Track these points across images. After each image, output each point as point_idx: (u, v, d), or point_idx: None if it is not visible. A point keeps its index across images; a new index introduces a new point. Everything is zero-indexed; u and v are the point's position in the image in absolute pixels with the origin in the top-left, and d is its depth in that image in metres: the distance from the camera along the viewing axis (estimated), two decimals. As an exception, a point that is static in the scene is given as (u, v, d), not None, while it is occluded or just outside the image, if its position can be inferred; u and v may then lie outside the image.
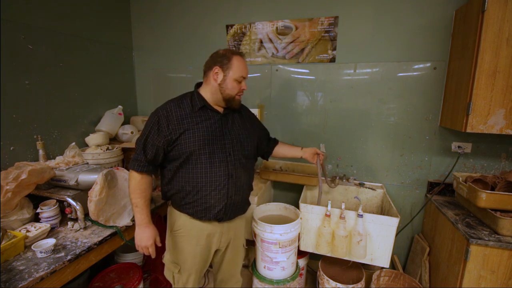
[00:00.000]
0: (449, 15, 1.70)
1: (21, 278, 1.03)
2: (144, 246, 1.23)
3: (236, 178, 1.27)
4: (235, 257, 1.47)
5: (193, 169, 1.21)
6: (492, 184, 1.54)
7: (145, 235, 1.23)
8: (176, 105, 1.23)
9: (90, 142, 1.95)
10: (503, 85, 1.38)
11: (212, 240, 1.34)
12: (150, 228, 1.24)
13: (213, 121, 1.25)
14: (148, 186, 1.26)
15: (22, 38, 1.60)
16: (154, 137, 1.19)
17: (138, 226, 1.24)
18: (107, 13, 2.19)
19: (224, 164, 1.23)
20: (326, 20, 1.93)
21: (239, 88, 1.25)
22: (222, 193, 1.24)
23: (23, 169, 1.32)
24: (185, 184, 1.23)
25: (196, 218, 1.28)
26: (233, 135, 1.28)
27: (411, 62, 1.82)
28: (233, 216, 1.35)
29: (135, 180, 1.23)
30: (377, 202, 1.95)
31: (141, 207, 1.23)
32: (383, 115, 1.93)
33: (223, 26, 2.17)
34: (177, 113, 1.21)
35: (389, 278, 1.82)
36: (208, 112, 1.26)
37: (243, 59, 1.26)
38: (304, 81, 2.06)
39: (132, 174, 1.24)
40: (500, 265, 1.34)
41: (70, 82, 1.90)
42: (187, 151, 1.18)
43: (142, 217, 1.23)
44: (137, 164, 1.21)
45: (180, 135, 1.18)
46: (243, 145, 1.31)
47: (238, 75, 1.22)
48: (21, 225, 1.35)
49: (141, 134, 1.23)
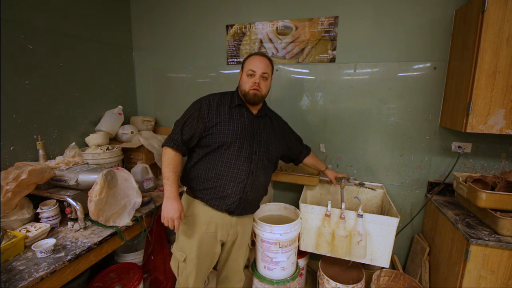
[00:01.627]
0: (449, 15, 1.70)
1: (21, 278, 1.03)
2: (171, 217, 1.25)
3: (256, 176, 1.36)
4: (240, 254, 1.52)
5: (220, 158, 1.31)
6: (492, 184, 1.54)
7: (173, 207, 1.26)
8: (218, 98, 1.36)
9: (90, 142, 1.95)
10: (503, 85, 1.38)
11: (220, 231, 1.39)
12: (178, 201, 1.28)
13: (247, 120, 1.36)
14: (179, 163, 1.34)
15: (22, 38, 1.60)
16: (194, 121, 1.30)
17: (166, 198, 1.27)
18: (107, 13, 2.19)
19: (248, 160, 1.33)
20: (326, 20, 1.93)
21: (251, 82, 1.33)
22: (240, 186, 1.32)
23: (23, 169, 1.32)
24: (209, 169, 1.32)
25: (209, 205, 1.35)
26: (262, 136, 1.39)
27: (411, 62, 1.82)
28: (244, 212, 1.42)
29: (169, 155, 1.31)
30: (377, 202, 1.95)
31: (172, 180, 1.28)
32: (383, 115, 1.93)
33: (223, 26, 2.17)
34: (218, 104, 1.34)
35: (389, 278, 1.82)
36: (244, 110, 1.38)
37: (258, 56, 1.35)
38: (304, 81, 2.06)
39: (167, 150, 1.32)
40: (500, 265, 1.34)
41: (70, 82, 1.90)
42: (219, 140, 1.29)
43: (172, 189, 1.28)
44: (173, 142, 1.31)
45: (216, 124, 1.30)
46: (269, 148, 1.40)
47: (247, 69, 1.34)
48: (21, 225, 1.35)
49: (181, 117, 1.34)
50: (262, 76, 1.34)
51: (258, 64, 1.33)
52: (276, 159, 1.51)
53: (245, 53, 2.15)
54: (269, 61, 1.39)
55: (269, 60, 1.39)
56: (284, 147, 1.56)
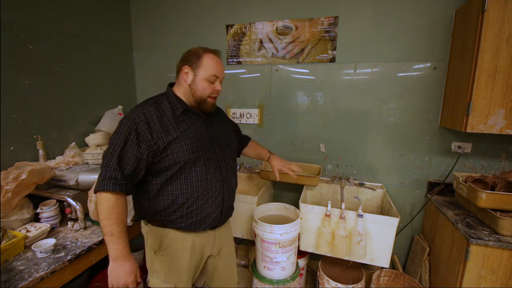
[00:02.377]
0: (449, 15, 1.70)
1: (21, 278, 1.03)
2: (123, 284, 1.01)
3: (229, 182, 1.23)
4: (230, 260, 1.41)
5: (186, 179, 1.09)
6: (492, 184, 1.54)
7: (124, 270, 1.01)
8: (154, 109, 1.07)
9: (90, 142, 1.95)
10: (503, 85, 1.38)
11: (205, 248, 1.25)
12: (129, 261, 1.03)
13: (199, 126, 1.15)
14: (124, 209, 1.04)
15: (22, 38, 1.60)
16: (134, 148, 1.01)
17: (113, 260, 1.01)
18: (107, 13, 2.19)
19: (218, 169, 1.17)
20: (326, 20, 1.93)
21: (211, 88, 1.14)
22: (218, 200, 1.18)
23: (23, 169, 1.32)
24: (178, 196, 1.10)
25: (188, 231, 1.16)
26: (220, 138, 1.22)
27: (411, 62, 1.82)
28: (225, 220, 1.30)
29: (109, 202, 0.99)
30: (377, 202, 1.95)
31: (117, 236, 1.00)
32: (383, 115, 1.93)
33: (223, 26, 2.17)
34: (159, 118, 1.06)
35: (389, 278, 1.82)
36: (191, 116, 1.15)
37: (217, 57, 1.15)
38: (304, 81, 2.06)
39: (103, 196, 0.99)
40: (500, 265, 1.34)
41: (70, 82, 1.90)
42: (180, 161, 1.06)
43: (120, 248, 1.00)
44: (112, 182, 0.99)
45: (169, 143, 1.04)
46: (230, 147, 1.26)
47: (209, 73, 1.11)
48: (21, 225, 1.35)
49: (110, 146, 1.02)
50: (220, 82, 1.18)
51: (221, 68, 1.16)
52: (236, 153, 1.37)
53: (245, 53, 2.16)
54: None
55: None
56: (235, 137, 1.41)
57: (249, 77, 2.19)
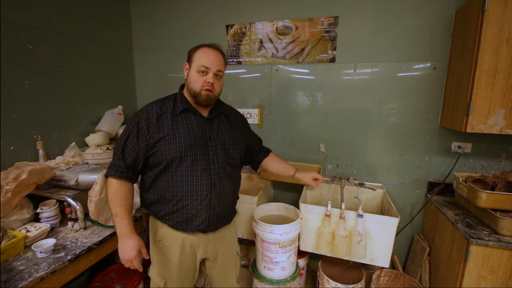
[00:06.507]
0: (449, 15, 1.70)
1: (21, 278, 1.03)
2: (127, 259, 1.09)
3: (220, 188, 1.18)
4: (227, 268, 1.37)
5: (172, 177, 1.13)
6: (492, 184, 1.54)
7: (128, 246, 1.09)
8: (158, 107, 1.15)
9: (90, 142, 1.94)
10: (503, 85, 1.38)
11: (197, 250, 1.25)
12: (132, 238, 1.10)
13: (196, 126, 1.16)
14: (128, 194, 1.14)
15: (22, 38, 1.60)
16: (134, 141, 1.11)
17: (119, 238, 1.11)
18: (107, 13, 2.19)
19: (207, 172, 1.15)
20: (326, 20, 1.93)
21: (202, 80, 1.12)
22: (204, 203, 1.16)
23: (23, 169, 1.32)
24: (165, 192, 1.15)
25: (178, 229, 1.20)
26: (217, 141, 1.19)
27: (411, 62, 1.81)
28: (218, 227, 1.26)
29: (114, 187, 1.11)
30: (377, 202, 1.95)
31: (121, 217, 1.10)
32: (383, 115, 1.93)
33: (223, 26, 2.17)
34: (158, 115, 1.13)
35: (389, 278, 1.82)
36: (191, 115, 1.17)
37: (210, 49, 1.14)
38: (304, 81, 2.06)
39: (110, 181, 1.12)
40: (500, 265, 1.34)
41: (70, 82, 1.90)
42: (167, 158, 1.10)
43: (123, 227, 1.10)
44: (115, 170, 1.11)
45: (159, 140, 1.10)
46: (228, 153, 1.22)
47: (198, 65, 1.12)
48: (21, 225, 1.35)
49: (120, 137, 1.14)
50: (216, 75, 1.14)
51: (213, 59, 1.12)
52: (240, 160, 1.30)
53: (245, 53, 2.16)
54: (223, 56, 1.18)
55: (223, 54, 1.18)
56: (246, 146, 1.35)
57: (249, 77, 2.19)
